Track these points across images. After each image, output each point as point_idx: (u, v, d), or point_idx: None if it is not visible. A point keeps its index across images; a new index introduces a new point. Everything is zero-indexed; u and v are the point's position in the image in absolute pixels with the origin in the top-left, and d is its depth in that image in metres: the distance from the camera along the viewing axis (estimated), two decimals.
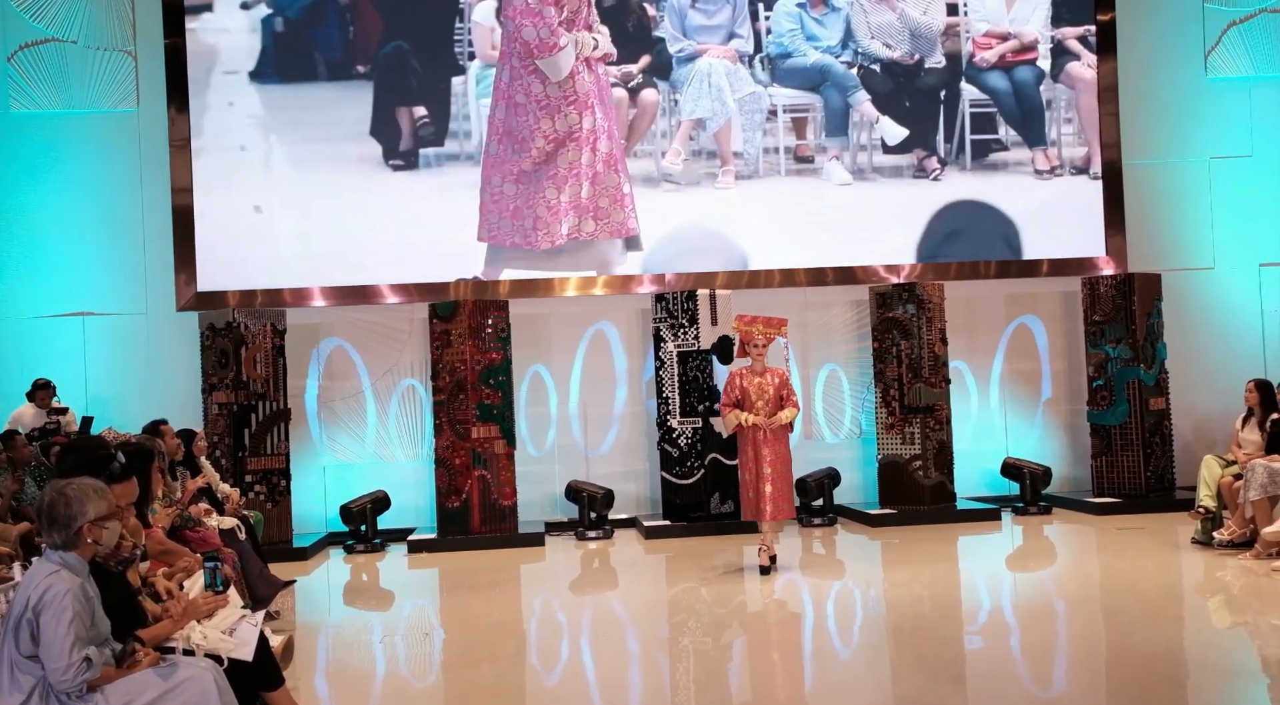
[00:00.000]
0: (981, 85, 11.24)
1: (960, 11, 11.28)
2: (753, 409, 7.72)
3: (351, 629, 7.01)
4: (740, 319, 7.95)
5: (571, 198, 10.65)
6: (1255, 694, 5.04)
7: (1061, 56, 11.28)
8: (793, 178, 11.08)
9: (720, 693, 5.36)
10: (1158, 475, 10.23)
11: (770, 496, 7.68)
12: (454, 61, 10.92)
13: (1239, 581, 7.10)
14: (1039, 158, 11.18)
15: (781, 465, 7.77)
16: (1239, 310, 11.08)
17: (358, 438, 10.60)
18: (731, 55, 11.01)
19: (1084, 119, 11.22)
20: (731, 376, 7.92)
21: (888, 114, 11.11)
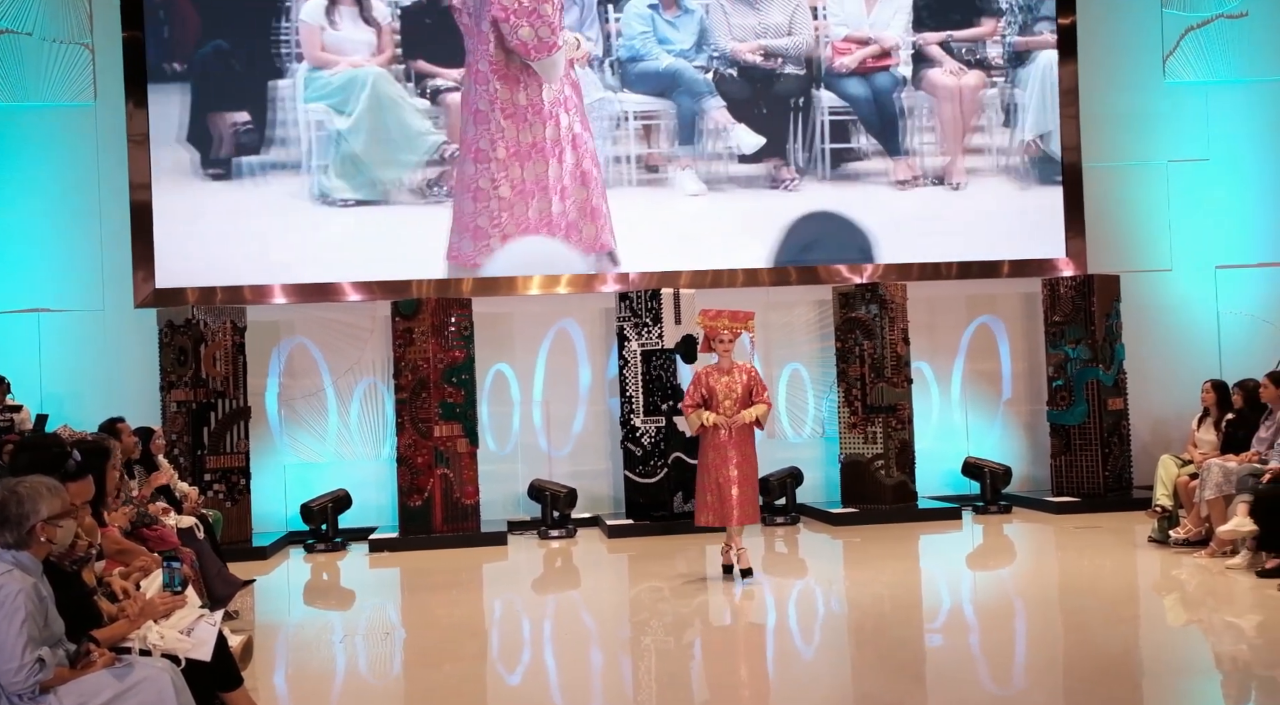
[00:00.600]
0: (840, 92, 11.00)
1: (819, 15, 11.02)
2: (719, 408, 7.39)
3: (312, 629, 6.95)
4: (705, 314, 7.64)
5: (540, 214, 10.54)
6: (1209, 691, 5.11)
7: (922, 63, 11.09)
8: (643, 187, 10.76)
9: (682, 692, 5.36)
10: (1115, 475, 10.34)
11: (736, 500, 7.30)
12: (276, 64, 10.55)
13: (1194, 579, 7.19)
14: (898, 167, 11.01)
15: (748, 467, 7.41)
16: (1195, 312, 11.23)
17: (319, 436, 10.52)
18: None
19: (944, 127, 11.05)
20: (697, 375, 7.59)
21: (742, 121, 10.83)
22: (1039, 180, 11.11)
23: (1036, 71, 11.17)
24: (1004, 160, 11.11)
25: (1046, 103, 11.16)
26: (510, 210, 10.52)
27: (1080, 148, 11.14)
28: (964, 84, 11.08)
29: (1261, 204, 11.29)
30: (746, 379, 7.48)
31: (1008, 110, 11.15)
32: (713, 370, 7.52)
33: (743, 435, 7.42)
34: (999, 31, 11.15)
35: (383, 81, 10.56)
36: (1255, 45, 11.24)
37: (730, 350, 7.49)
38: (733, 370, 7.48)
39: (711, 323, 7.54)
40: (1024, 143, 11.13)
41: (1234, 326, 11.21)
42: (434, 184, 10.55)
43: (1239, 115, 11.27)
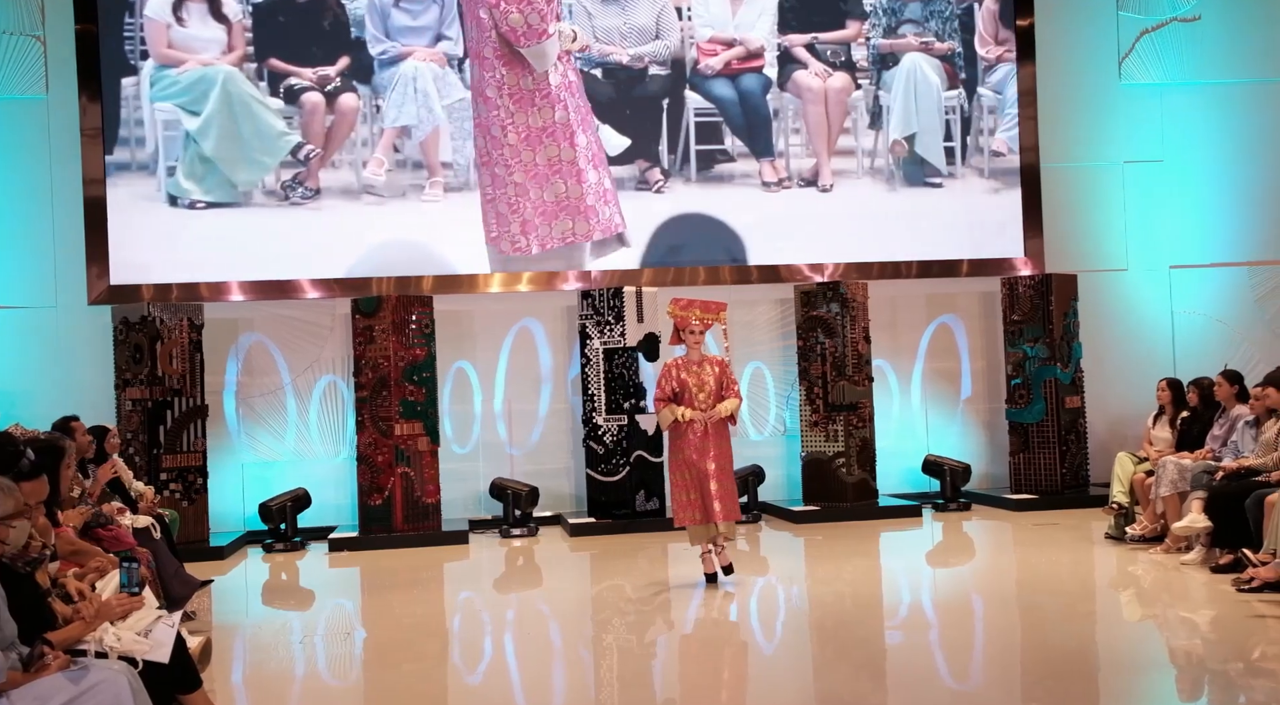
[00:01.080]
0: (706, 93, 10.90)
1: (684, 16, 10.88)
2: (691, 402, 7.13)
3: (270, 629, 6.88)
4: (675, 303, 7.35)
5: (557, 196, 10.45)
6: (1163, 684, 5.18)
7: (789, 64, 11.01)
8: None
9: (644, 690, 5.36)
10: (1073, 472, 10.46)
11: (718, 495, 7.06)
12: (124, 60, 10.26)
13: (1150, 575, 7.29)
14: (766, 169, 10.90)
15: (726, 462, 7.21)
16: (1151, 311, 11.38)
17: (277, 435, 10.42)
18: (439, 58, 10.46)
19: (811, 129, 10.98)
20: (667, 367, 7.27)
21: (608, 122, 10.69)
22: (906, 182, 11.07)
23: (902, 73, 11.11)
24: (870, 162, 11.08)
25: (912, 105, 11.11)
26: (526, 195, 10.44)
27: (1038, 148, 11.25)
28: (831, 86, 11.03)
29: (1214, 205, 11.45)
30: (718, 371, 7.25)
31: (874, 112, 11.14)
32: (683, 362, 7.25)
33: (719, 430, 7.20)
34: (864, 34, 11.12)
35: (234, 81, 10.31)
36: (1208, 48, 11.40)
37: (700, 342, 7.27)
38: (704, 363, 7.25)
39: (682, 313, 7.29)
40: (889, 143, 11.09)
41: (1188, 326, 11.37)
42: (291, 186, 10.31)
43: (1192, 117, 11.43)
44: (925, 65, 11.17)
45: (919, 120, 11.15)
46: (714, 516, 7.08)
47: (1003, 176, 11.23)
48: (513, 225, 10.43)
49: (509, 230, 10.43)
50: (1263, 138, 11.46)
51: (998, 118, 11.29)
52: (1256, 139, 11.46)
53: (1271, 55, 11.49)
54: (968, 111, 11.23)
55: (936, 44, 11.20)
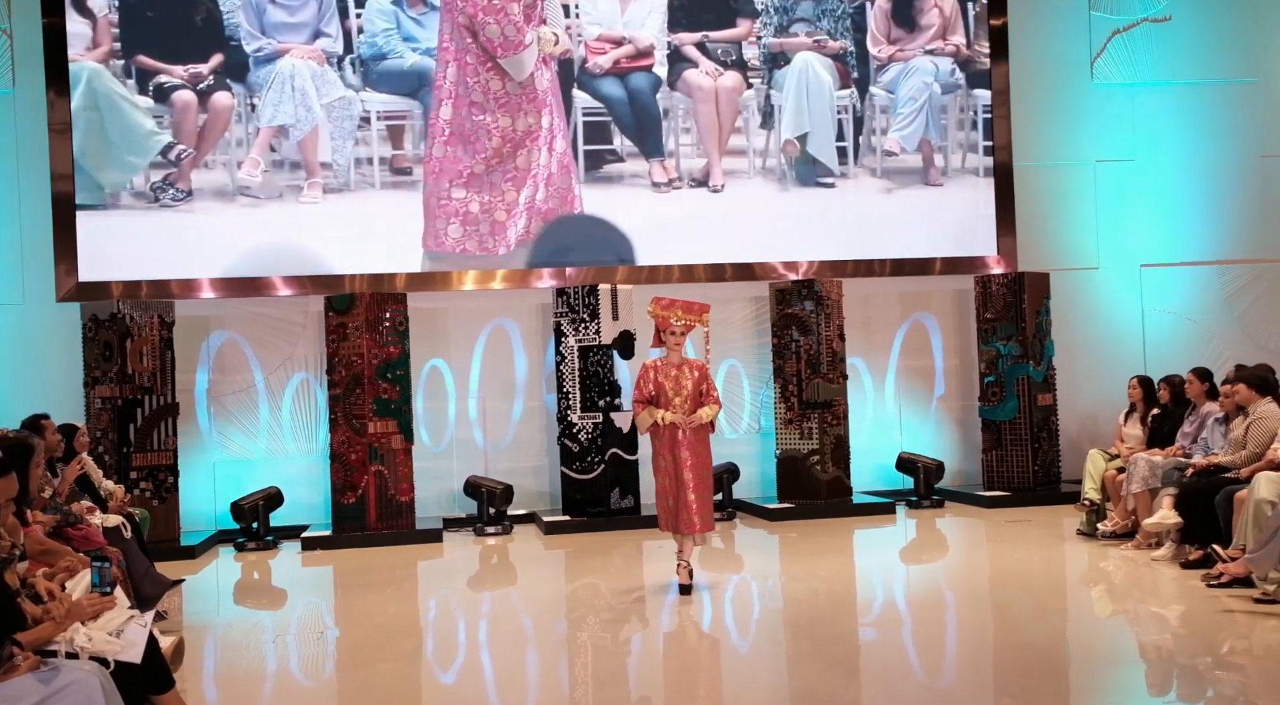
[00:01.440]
0: (595, 92, 10.74)
1: (571, 14, 10.70)
2: (669, 406, 6.86)
3: (242, 629, 6.84)
4: (657, 303, 7.09)
5: (527, 200, 10.43)
6: (1133, 679, 5.22)
7: (679, 63, 10.88)
8: (389, 191, 10.41)
9: (619, 689, 5.36)
10: (1045, 469, 10.53)
11: (693, 506, 6.80)
12: None
13: (1121, 571, 7.35)
14: (656, 169, 10.76)
15: (703, 470, 6.92)
16: (1122, 309, 11.47)
17: (249, 433, 10.35)
18: (318, 56, 10.24)
19: (702, 129, 10.87)
20: (645, 369, 7.01)
21: None
22: (798, 181, 10.99)
23: (794, 73, 10.99)
24: (761, 162, 10.97)
25: (804, 104, 11.00)
26: (502, 197, 10.44)
27: (1011, 147, 11.32)
28: (721, 85, 10.90)
29: (1185, 204, 11.56)
30: (698, 376, 6.99)
31: (765, 111, 11.03)
32: (662, 363, 6.99)
33: (698, 437, 6.92)
34: (755, 33, 11.00)
35: (100, 78, 10.10)
36: (1178, 48, 11.51)
37: (681, 343, 7.01)
38: (683, 366, 7.00)
39: (663, 313, 7.02)
40: (781, 143, 11.00)
41: (1158, 324, 11.47)
42: (161, 187, 10.07)
43: (1163, 117, 11.53)
44: (817, 64, 11.06)
45: (811, 120, 11.03)
46: (688, 527, 6.86)
47: (896, 176, 11.14)
48: (481, 226, 10.40)
49: (478, 231, 10.40)
50: (1232, 137, 11.57)
51: (890, 117, 11.17)
52: (1226, 139, 11.57)
53: (1241, 55, 11.61)
54: (860, 111, 11.15)
55: (829, 43, 11.09)
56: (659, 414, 6.85)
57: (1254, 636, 5.62)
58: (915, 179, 11.20)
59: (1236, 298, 11.56)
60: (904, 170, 11.20)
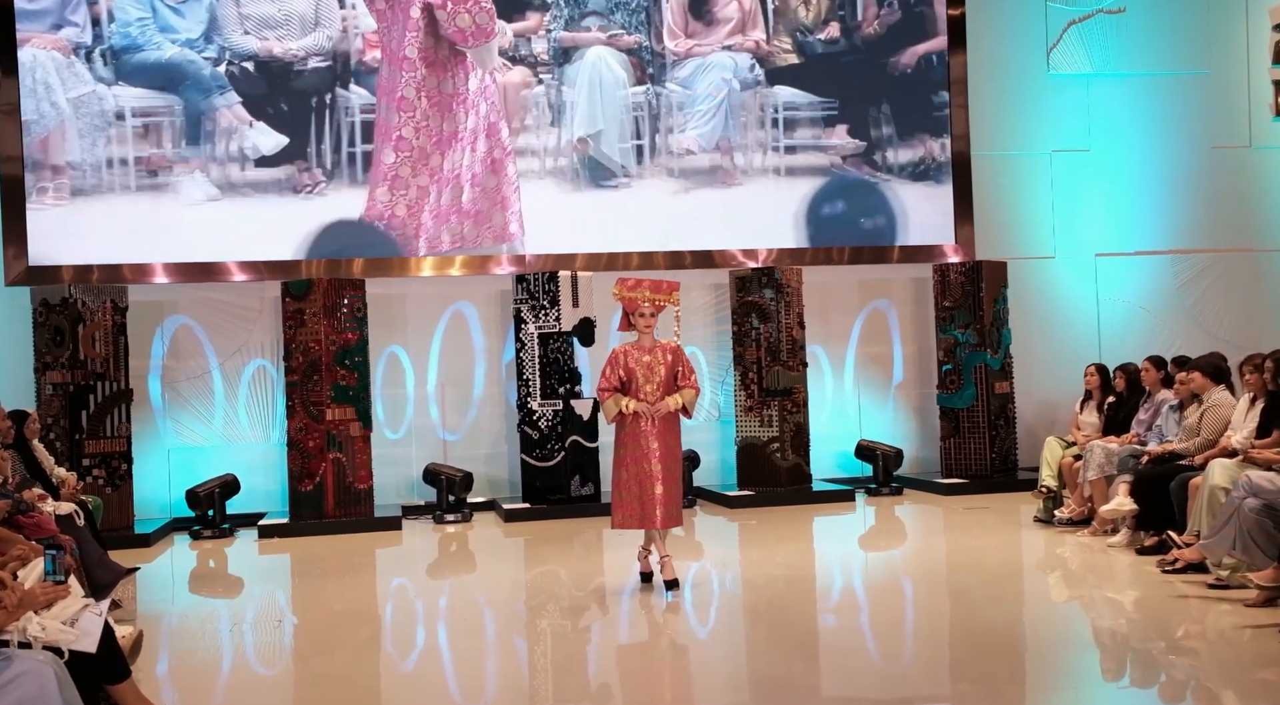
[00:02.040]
0: (373, 89, 10.28)
1: (346, 5, 10.19)
2: (640, 393, 6.51)
3: (197, 617, 6.76)
4: (622, 284, 6.71)
5: (453, 200, 10.30)
6: (1087, 664, 5.28)
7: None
8: (143, 193, 9.89)
9: (578, 676, 5.35)
10: (1002, 456, 10.63)
11: (661, 500, 6.41)
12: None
13: (1077, 557, 7.43)
14: None
15: (672, 461, 6.53)
16: (1077, 298, 11.59)
17: (205, 420, 10.22)
18: (63, 47, 9.68)
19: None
20: (614, 354, 6.64)
21: (261, 120, 10.06)
22: (590, 182, 10.64)
23: (586, 68, 10.64)
24: (552, 161, 10.61)
25: (596, 100, 10.64)
26: (427, 197, 10.30)
27: (969, 137, 11.38)
28: (508, 81, 10.50)
29: (1138, 194, 11.69)
30: (671, 360, 6.59)
31: (555, 108, 10.66)
32: (631, 349, 6.62)
33: (666, 425, 6.54)
34: (544, 26, 10.60)
35: None
36: (1133, 40, 11.62)
37: (652, 326, 6.61)
38: (655, 349, 6.60)
39: (630, 294, 6.65)
40: (573, 141, 10.62)
41: (1113, 312, 11.61)
42: None
43: (1118, 107, 11.65)
44: (610, 59, 10.69)
45: (603, 117, 10.69)
46: (654, 522, 6.46)
47: (691, 176, 10.80)
48: (407, 229, 10.31)
49: (404, 233, 10.33)
50: (1186, 129, 11.72)
51: (686, 115, 10.83)
52: (1180, 130, 11.71)
53: (1194, 48, 11.75)
54: (655, 108, 10.79)
55: (623, 37, 10.69)
56: (624, 402, 6.50)
57: (1207, 621, 5.71)
58: (711, 179, 10.83)
59: (1188, 287, 11.72)
60: (699, 170, 10.82)
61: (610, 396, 6.57)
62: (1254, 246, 11.84)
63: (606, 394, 6.60)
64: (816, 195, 11.05)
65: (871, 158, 11.17)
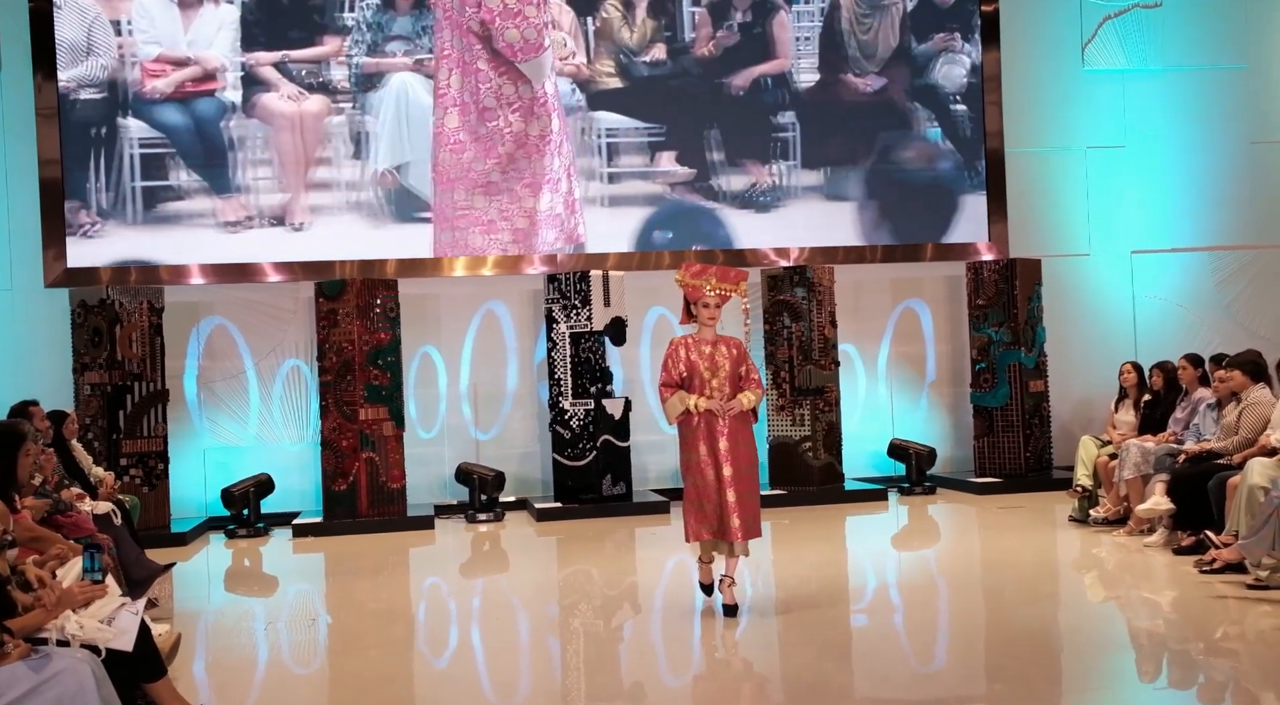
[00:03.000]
0: (152, 120, 9.83)
1: (123, 31, 9.73)
2: (702, 390, 5.91)
3: (233, 616, 6.82)
4: (687, 269, 6.17)
5: (548, 206, 10.29)
6: (1124, 665, 5.23)
7: (254, 86, 10.01)
8: None
9: (611, 675, 5.36)
10: (1037, 455, 10.55)
11: (736, 508, 5.80)
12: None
13: (1113, 557, 7.36)
14: (225, 207, 9.96)
15: (747, 465, 5.94)
16: (1113, 295, 11.48)
17: (240, 420, 10.31)
18: None
19: (283, 160, 9.99)
20: (673, 347, 6.04)
21: None
22: (395, 217, 10.26)
23: (390, 96, 10.20)
24: (354, 195, 10.20)
25: (402, 130, 10.23)
26: (519, 202, 10.34)
27: (1003, 133, 11.29)
28: (304, 110, 10.03)
29: (1175, 190, 11.56)
30: (736, 355, 6.03)
31: (357, 139, 10.22)
32: (693, 342, 6.04)
33: (739, 426, 5.95)
34: (344, 52, 10.15)
35: None
36: (1169, 35, 11.49)
37: (716, 318, 6.05)
38: (718, 343, 6.04)
39: (694, 281, 6.09)
40: (377, 174, 10.22)
41: (1149, 310, 11.48)
42: None
43: (1154, 103, 11.52)
44: (417, 86, 10.29)
45: (410, 148, 10.27)
46: (731, 534, 5.83)
47: None
48: (502, 234, 10.34)
49: (499, 239, 10.37)
50: (1223, 124, 11.57)
51: None
52: (1217, 125, 11.57)
53: (1231, 41, 11.60)
54: None
55: (430, 62, 10.24)
56: (691, 400, 5.88)
57: (1246, 622, 5.64)
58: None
59: (1227, 284, 11.58)
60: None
61: (673, 394, 5.96)
62: None
63: (669, 391, 5.99)
64: (646, 223, 10.71)
65: (706, 184, 10.77)
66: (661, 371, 6.07)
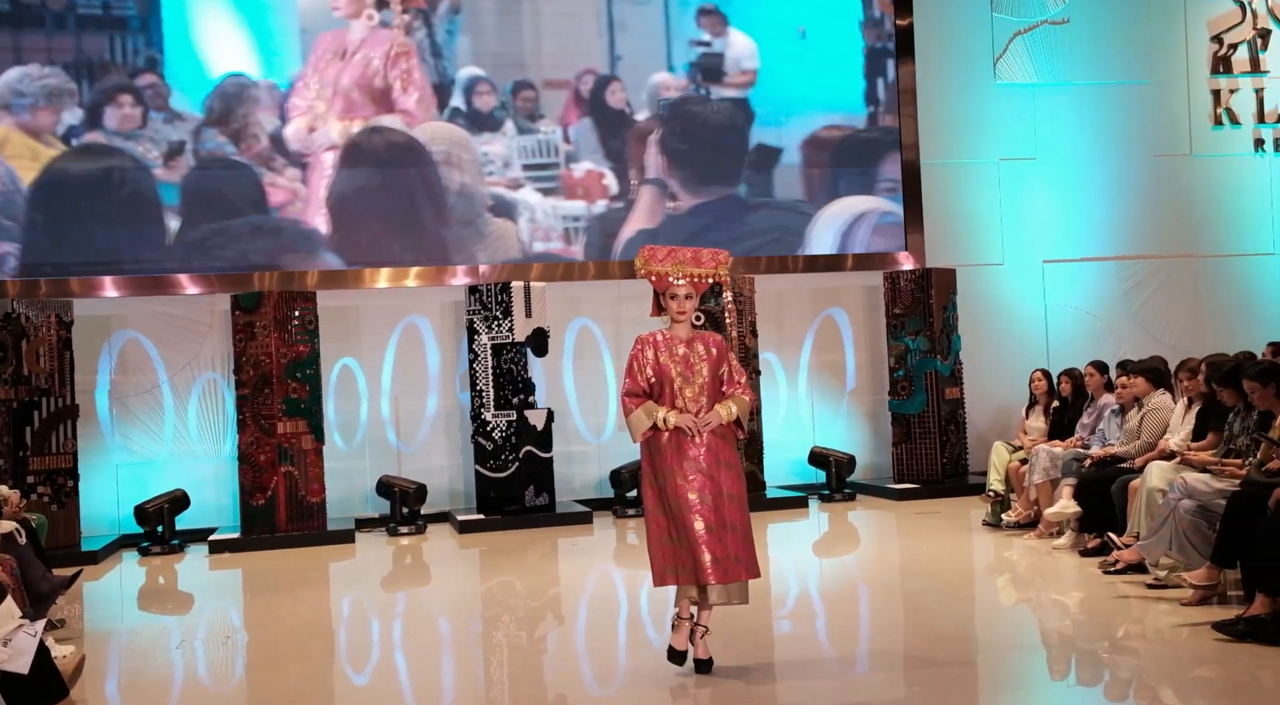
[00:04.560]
0: None
1: None
2: (674, 400, 4.97)
3: (147, 635, 6.68)
4: (650, 256, 5.06)
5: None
6: (1036, 665, 5.36)
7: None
8: None
9: (535, 686, 5.35)
10: (953, 461, 10.75)
11: (705, 541, 4.78)
12: None
13: (1024, 560, 7.53)
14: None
15: (730, 492, 4.95)
16: (1025, 304, 11.75)
17: (154, 435, 10.10)
18: None
19: None
20: (638, 348, 5.03)
21: None
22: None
23: None
24: None
25: None
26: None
27: (918, 146, 11.51)
28: None
29: (1084, 201, 11.88)
30: (715, 355, 5.04)
31: None
32: (663, 341, 5.04)
33: (719, 443, 5.00)
34: None
35: None
36: (1077, 50, 11.82)
37: (689, 311, 5.04)
38: (694, 341, 5.04)
39: (658, 268, 5.03)
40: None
41: (1060, 318, 11.78)
42: None
43: (1063, 117, 11.84)
44: None
45: None
46: (703, 574, 4.79)
47: None
48: None
49: None
50: (1129, 138, 11.94)
51: None
52: (1122, 139, 11.93)
53: (1136, 58, 11.97)
54: None
55: None
56: (659, 413, 4.94)
57: (1147, 621, 5.81)
58: None
59: (1134, 292, 11.93)
60: None
61: (639, 406, 4.97)
62: (1194, 252, 12.07)
63: (634, 402, 4.97)
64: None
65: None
66: (625, 377, 5.04)
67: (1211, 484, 5.98)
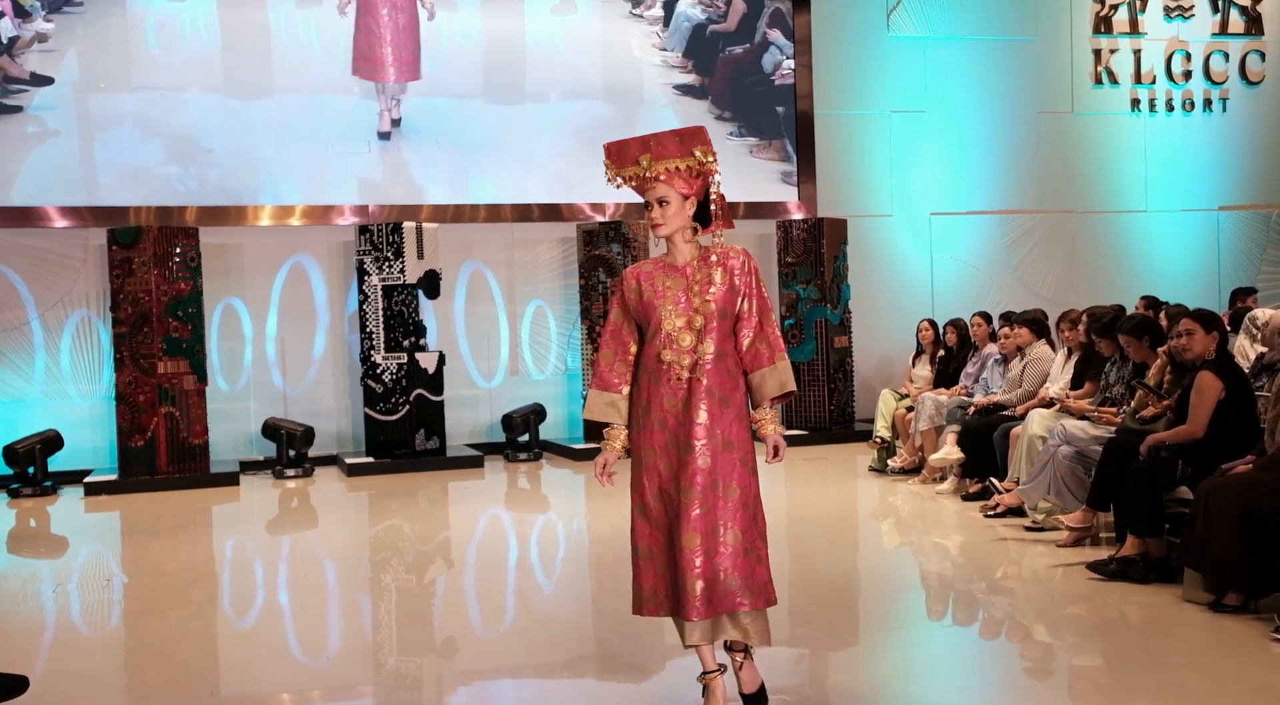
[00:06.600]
0: None
1: None
2: (669, 346, 3.55)
3: (17, 579, 6.46)
4: (610, 157, 3.69)
5: None
6: (915, 605, 5.53)
7: None
8: None
9: (424, 630, 5.33)
10: (840, 409, 10.96)
11: (696, 568, 3.57)
12: None
13: (907, 505, 7.74)
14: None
15: (722, 497, 3.69)
16: (913, 255, 11.98)
17: (24, 374, 9.70)
18: None
19: None
20: (621, 284, 3.69)
21: None
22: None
23: None
24: None
25: None
26: None
27: (812, 96, 11.57)
28: None
29: (971, 156, 12.12)
30: (727, 286, 3.57)
31: None
32: (651, 269, 3.66)
33: (722, 412, 3.62)
34: None
35: None
36: (966, 5, 11.98)
37: (666, 221, 3.59)
38: (701, 264, 3.60)
39: (623, 170, 3.65)
40: None
41: (946, 270, 12.04)
42: None
43: (953, 71, 12.01)
44: None
45: None
46: (688, 607, 3.57)
47: None
48: None
49: None
50: (1015, 94, 12.18)
51: None
52: (1010, 95, 12.16)
53: (1022, 15, 12.19)
54: None
55: None
56: (616, 436, 3.84)
57: (1024, 562, 6.04)
58: None
59: (1015, 246, 12.24)
60: None
61: (599, 391, 3.74)
62: (1074, 209, 12.43)
63: (603, 369, 3.71)
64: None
65: None
66: (604, 333, 3.76)
67: (1089, 431, 6.21)
